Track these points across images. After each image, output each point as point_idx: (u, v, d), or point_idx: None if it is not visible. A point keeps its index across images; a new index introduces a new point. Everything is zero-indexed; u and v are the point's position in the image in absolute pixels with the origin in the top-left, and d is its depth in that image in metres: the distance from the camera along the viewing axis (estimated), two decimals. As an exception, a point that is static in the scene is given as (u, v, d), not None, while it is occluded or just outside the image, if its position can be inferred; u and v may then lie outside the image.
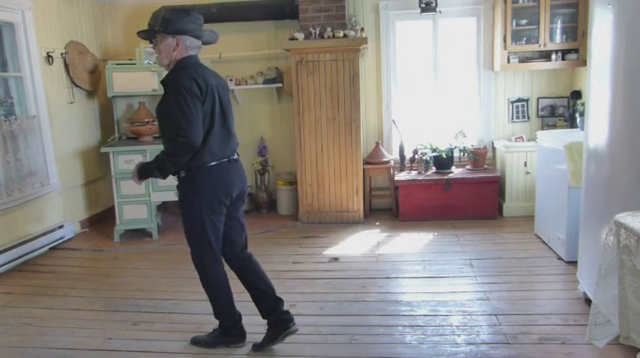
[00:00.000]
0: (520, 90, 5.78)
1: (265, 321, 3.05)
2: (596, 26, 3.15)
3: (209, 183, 2.80)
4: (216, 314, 3.08)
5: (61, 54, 5.26)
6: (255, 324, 3.09)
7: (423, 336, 3.10)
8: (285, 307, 3.08)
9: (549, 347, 2.91)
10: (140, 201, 5.18)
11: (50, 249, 4.96)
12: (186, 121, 2.61)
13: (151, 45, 2.87)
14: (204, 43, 2.92)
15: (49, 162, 5.04)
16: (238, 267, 3.07)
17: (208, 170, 2.79)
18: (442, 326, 3.23)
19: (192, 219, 2.86)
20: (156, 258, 4.74)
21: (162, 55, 2.79)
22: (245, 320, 3.11)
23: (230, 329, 3.07)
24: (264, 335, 3.03)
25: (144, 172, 2.87)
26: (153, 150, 5.10)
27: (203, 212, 2.82)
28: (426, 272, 4.11)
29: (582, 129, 3.83)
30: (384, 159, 5.70)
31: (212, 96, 2.75)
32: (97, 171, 5.82)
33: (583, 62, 5.08)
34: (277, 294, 3.07)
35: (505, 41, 5.33)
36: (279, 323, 2.99)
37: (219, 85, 2.86)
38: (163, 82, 2.77)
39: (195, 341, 3.14)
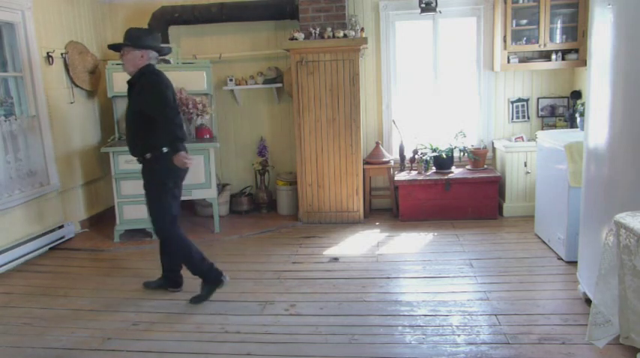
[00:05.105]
0: (520, 90, 5.78)
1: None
2: (596, 26, 3.15)
3: (173, 163, 3.51)
4: (194, 269, 3.71)
5: (61, 54, 5.26)
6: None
7: (423, 336, 3.10)
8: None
9: (549, 347, 2.91)
10: (140, 201, 5.11)
11: (50, 249, 4.96)
12: (174, 111, 3.48)
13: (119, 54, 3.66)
14: (161, 56, 3.81)
15: (49, 162, 5.04)
16: None
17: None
18: (442, 326, 3.23)
19: (163, 192, 3.61)
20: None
21: (128, 63, 3.57)
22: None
23: (211, 272, 3.69)
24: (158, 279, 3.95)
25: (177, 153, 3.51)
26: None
27: (172, 185, 3.63)
28: (426, 272, 4.11)
29: (582, 129, 3.83)
30: (384, 159, 5.70)
31: (174, 95, 3.60)
32: (97, 171, 5.81)
33: (583, 62, 5.08)
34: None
35: (505, 41, 5.33)
36: (174, 283, 3.93)
37: (173, 88, 3.66)
38: (132, 83, 3.59)
39: (195, 300, 3.66)
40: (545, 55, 5.43)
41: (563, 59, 5.35)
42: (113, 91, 5.39)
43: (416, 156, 5.68)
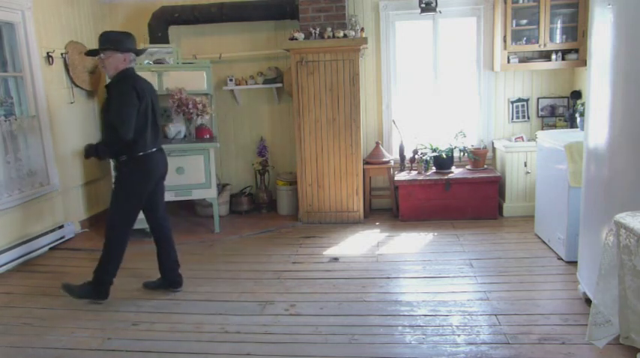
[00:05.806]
0: (520, 91, 5.78)
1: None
2: (596, 26, 3.15)
3: (145, 167, 3.62)
4: (103, 271, 3.67)
5: (61, 54, 5.26)
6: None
7: (423, 336, 3.10)
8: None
9: (549, 347, 2.91)
10: (140, 201, 5.17)
11: (50, 249, 4.96)
12: (122, 121, 3.40)
13: (97, 58, 3.67)
14: (137, 56, 3.80)
15: (49, 162, 5.04)
16: (158, 229, 3.89)
17: (145, 157, 3.60)
18: (442, 326, 3.23)
19: (127, 193, 3.63)
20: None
21: (110, 66, 3.58)
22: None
23: (105, 285, 3.70)
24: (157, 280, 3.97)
25: (87, 153, 3.70)
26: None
27: (138, 188, 3.64)
28: (426, 272, 4.11)
29: (582, 129, 3.83)
30: (384, 159, 5.70)
31: (146, 100, 3.54)
32: (96, 171, 5.81)
33: (583, 62, 5.08)
34: (178, 261, 3.98)
35: (505, 41, 5.33)
36: (173, 282, 3.93)
37: (150, 90, 3.67)
38: (108, 86, 3.62)
39: (68, 289, 3.70)
40: (545, 55, 5.43)
41: (563, 59, 5.35)
42: (113, 91, 5.38)
43: (416, 156, 5.68)
